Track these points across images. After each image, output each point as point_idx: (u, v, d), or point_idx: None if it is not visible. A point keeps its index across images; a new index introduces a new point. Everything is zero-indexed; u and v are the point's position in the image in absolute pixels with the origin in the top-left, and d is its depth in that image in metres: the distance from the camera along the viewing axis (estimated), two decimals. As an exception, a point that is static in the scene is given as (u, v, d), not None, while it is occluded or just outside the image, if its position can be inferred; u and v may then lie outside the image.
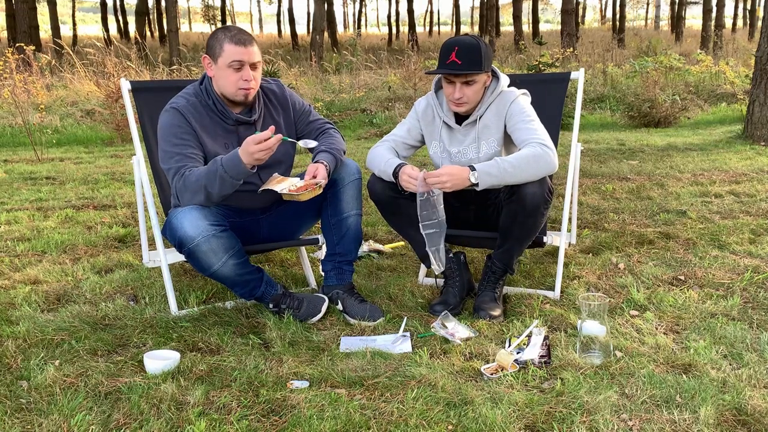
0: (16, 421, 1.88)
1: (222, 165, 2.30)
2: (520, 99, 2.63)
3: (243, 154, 2.26)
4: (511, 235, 2.59)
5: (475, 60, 2.50)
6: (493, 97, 2.63)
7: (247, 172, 2.31)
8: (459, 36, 2.57)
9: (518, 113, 2.58)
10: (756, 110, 6.97)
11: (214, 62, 2.46)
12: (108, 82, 9.11)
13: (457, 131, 2.69)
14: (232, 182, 2.32)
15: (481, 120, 2.63)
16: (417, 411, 1.90)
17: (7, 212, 4.51)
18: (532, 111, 2.62)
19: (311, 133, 2.74)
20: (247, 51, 2.43)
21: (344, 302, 2.65)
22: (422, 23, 54.07)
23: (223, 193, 2.36)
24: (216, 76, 2.48)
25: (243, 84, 2.45)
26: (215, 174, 2.31)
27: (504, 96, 2.63)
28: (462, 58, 2.49)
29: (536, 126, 2.55)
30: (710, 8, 20.44)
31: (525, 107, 2.61)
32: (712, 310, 2.60)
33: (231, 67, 2.42)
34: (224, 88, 2.48)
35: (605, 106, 10.27)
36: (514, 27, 22.54)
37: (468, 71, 2.50)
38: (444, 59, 2.52)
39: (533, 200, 2.47)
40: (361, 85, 11.77)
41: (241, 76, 2.44)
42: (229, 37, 2.43)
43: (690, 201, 4.43)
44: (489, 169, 2.39)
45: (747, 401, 1.90)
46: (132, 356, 2.31)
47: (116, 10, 32.69)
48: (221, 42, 2.43)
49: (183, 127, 2.45)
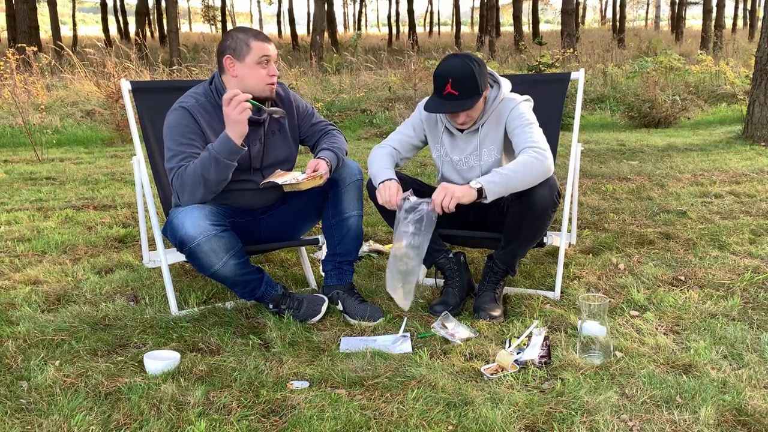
0: (16, 422, 1.88)
1: (213, 148, 2.35)
2: (520, 105, 2.60)
3: (228, 127, 2.32)
4: (516, 237, 2.59)
5: (472, 88, 2.45)
6: (495, 105, 2.60)
7: (237, 150, 2.34)
8: (449, 61, 2.48)
9: (517, 118, 2.56)
10: (756, 110, 6.97)
11: (240, 61, 2.46)
12: (108, 82, 9.11)
13: (459, 138, 2.67)
14: (226, 163, 2.35)
15: (483, 127, 2.63)
16: (417, 411, 1.90)
17: (8, 212, 4.51)
18: (531, 116, 2.59)
19: (314, 135, 2.74)
20: (271, 46, 2.50)
21: (344, 302, 2.65)
22: (422, 23, 54.10)
23: (220, 178, 2.38)
24: (242, 75, 2.47)
25: (270, 79, 2.49)
26: (209, 159, 2.34)
27: (505, 103, 2.60)
28: (458, 88, 2.44)
29: (533, 130, 2.52)
30: (710, 8, 20.44)
31: (525, 112, 2.58)
32: (712, 310, 2.60)
33: (260, 63, 2.46)
34: (253, 85, 2.47)
35: (605, 106, 10.27)
36: (514, 27, 22.54)
37: (467, 102, 2.45)
38: (440, 90, 2.47)
39: (542, 202, 2.47)
40: (362, 86, 11.76)
41: (268, 71, 2.48)
42: (252, 35, 2.47)
43: (690, 201, 4.43)
44: (492, 177, 2.37)
45: (747, 401, 1.90)
46: (132, 356, 2.31)
47: (116, 10, 32.70)
48: (245, 41, 2.45)
49: (191, 127, 2.46)
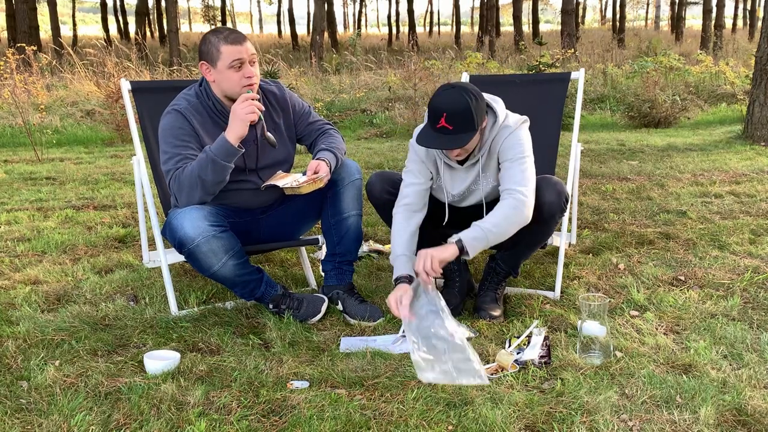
0: (16, 422, 1.89)
1: (211, 150, 2.35)
2: (516, 133, 2.46)
3: (231, 124, 2.34)
4: (522, 240, 2.55)
5: (467, 123, 2.32)
6: (492, 135, 2.48)
7: (234, 151, 2.35)
8: (444, 94, 2.33)
9: (509, 149, 2.44)
10: (756, 110, 6.97)
11: (213, 67, 2.44)
12: (108, 82, 9.11)
13: (459, 170, 2.57)
14: (223, 165, 2.35)
15: (482, 158, 2.52)
16: (417, 411, 1.90)
17: (7, 212, 4.51)
18: (524, 146, 2.45)
19: (311, 134, 2.74)
20: (244, 48, 2.43)
21: (344, 302, 2.65)
22: (422, 23, 54.09)
23: (217, 180, 2.38)
24: (218, 80, 2.46)
25: (246, 81, 2.45)
26: (206, 160, 2.34)
27: (501, 131, 2.48)
28: (453, 123, 2.30)
29: (524, 166, 2.41)
30: (710, 8, 20.43)
31: (518, 141, 2.45)
32: (712, 310, 2.60)
33: (232, 67, 2.42)
34: (229, 89, 2.46)
35: (605, 106, 10.27)
36: (514, 27, 22.53)
37: (462, 137, 2.33)
38: (433, 123, 2.33)
39: (550, 209, 2.46)
40: (361, 86, 11.76)
41: (243, 73, 2.44)
42: (223, 39, 2.42)
43: (690, 201, 4.43)
44: (473, 233, 2.31)
45: (747, 401, 1.90)
46: (132, 356, 2.31)
47: (116, 10, 32.69)
48: (216, 45, 2.42)
49: (184, 129, 2.45)
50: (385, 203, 2.67)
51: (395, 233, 2.53)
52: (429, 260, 2.28)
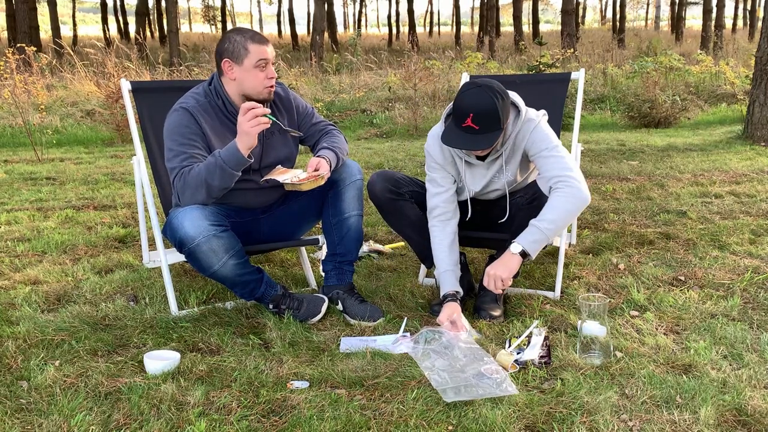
0: (16, 422, 1.88)
1: (220, 156, 2.34)
2: (540, 126, 2.49)
3: (239, 137, 2.31)
4: None
5: (493, 123, 2.31)
6: (516, 129, 2.48)
7: (244, 162, 2.34)
8: (471, 94, 2.31)
9: (540, 141, 2.45)
10: (756, 111, 6.97)
11: (239, 64, 2.45)
12: (108, 82, 9.10)
13: (480, 166, 2.57)
14: (231, 173, 2.35)
15: (506, 152, 2.54)
16: (417, 411, 1.90)
17: (8, 212, 4.51)
18: (553, 135, 2.49)
19: (314, 135, 2.74)
20: (269, 49, 2.48)
21: (344, 302, 2.65)
22: (422, 23, 54.10)
23: (223, 186, 2.38)
24: (240, 78, 2.46)
25: (269, 82, 2.48)
26: (215, 166, 2.34)
27: (525, 125, 2.48)
28: (479, 123, 2.30)
29: (560, 153, 2.43)
30: (710, 8, 20.44)
31: (547, 133, 2.48)
32: (712, 310, 2.60)
33: (258, 66, 2.44)
34: (251, 88, 2.47)
35: (605, 106, 10.27)
36: (514, 27, 22.53)
37: (488, 136, 2.32)
38: (459, 122, 2.34)
39: None
40: (361, 86, 11.77)
41: (267, 74, 2.47)
42: (249, 38, 2.45)
43: (690, 201, 4.43)
44: (533, 236, 2.34)
45: (747, 402, 1.90)
46: (132, 356, 2.31)
47: (116, 10, 32.71)
48: (243, 44, 2.43)
49: (191, 128, 2.45)
50: (386, 203, 2.67)
51: (435, 248, 2.58)
52: (498, 282, 2.36)
